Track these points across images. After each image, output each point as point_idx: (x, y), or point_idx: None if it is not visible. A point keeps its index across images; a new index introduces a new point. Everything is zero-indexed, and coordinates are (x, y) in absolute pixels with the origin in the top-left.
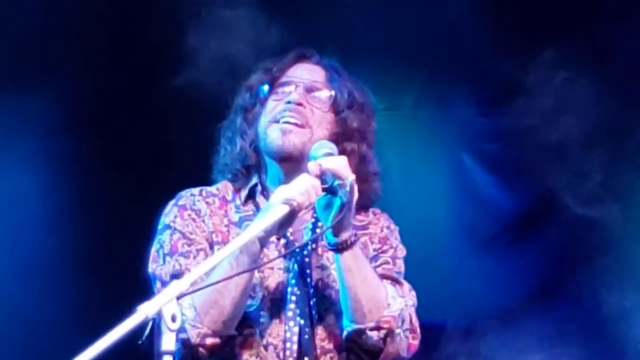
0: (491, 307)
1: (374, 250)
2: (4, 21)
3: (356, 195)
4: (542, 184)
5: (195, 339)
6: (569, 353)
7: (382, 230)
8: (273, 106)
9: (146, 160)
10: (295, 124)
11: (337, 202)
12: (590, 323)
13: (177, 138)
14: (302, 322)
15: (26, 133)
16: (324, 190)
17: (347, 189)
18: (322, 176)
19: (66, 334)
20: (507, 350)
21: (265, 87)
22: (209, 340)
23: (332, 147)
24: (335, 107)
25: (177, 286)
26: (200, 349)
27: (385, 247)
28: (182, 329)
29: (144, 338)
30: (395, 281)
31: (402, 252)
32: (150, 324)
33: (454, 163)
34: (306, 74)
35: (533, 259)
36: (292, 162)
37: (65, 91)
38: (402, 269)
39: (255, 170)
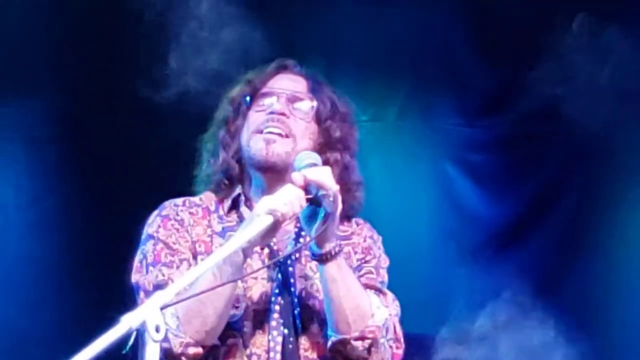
0: (476, 317)
1: (357, 260)
2: None
3: (340, 205)
4: (526, 194)
5: (177, 349)
6: None
7: (365, 240)
8: (256, 117)
9: (131, 169)
10: (279, 134)
11: (321, 212)
12: (575, 334)
13: (164, 147)
14: (285, 332)
15: (10, 141)
16: (307, 200)
17: (331, 199)
18: (306, 187)
19: (49, 345)
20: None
21: (247, 99)
22: (192, 350)
23: (316, 158)
24: (317, 117)
25: (160, 297)
26: (183, 358)
27: (368, 257)
28: (164, 338)
29: (127, 348)
30: (378, 291)
31: (385, 261)
32: (134, 334)
33: (438, 174)
34: (288, 84)
35: (517, 269)
36: (275, 173)
37: (50, 99)
38: (386, 278)
39: (238, 181)
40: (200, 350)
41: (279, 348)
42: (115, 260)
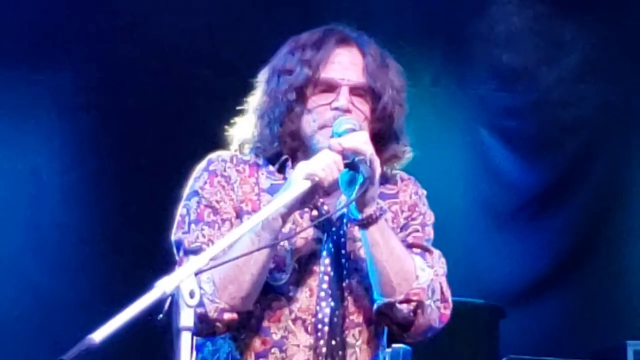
0: (510, 283)
1: (404, 218)
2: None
3: (378, 169)
4: (560, 159)
5: (212, 314)
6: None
7: (411, 197)
8: (320, 111)
9: (164, 136)
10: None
11: (359, 177)
12: (611, 298)
13: (197, 113)
14: (332, 304)
15: (45, 110)
16: (346, 165)
17: (367, 164)
18: (343, 152)
19: (82, 310)
20: (528, 326)
21: (308, 88)
22: (227, 316)
23: (354, 123)
24: (372, 99)
25: (195, 261)
26: (217, 324)
27: (414, 215)
28: (200, 303)
29: (162, 314)
30: (425, 249)
31: (430, 218)
32: (168, 299)
33: (472, 139)
34: (349, 70)
35: (552, 235)
36: None
37: (85, 69)
38: (432, 235)
39: (288, 152)
40: (235, 316)
41: (327, 311)
42: (148, 227)
